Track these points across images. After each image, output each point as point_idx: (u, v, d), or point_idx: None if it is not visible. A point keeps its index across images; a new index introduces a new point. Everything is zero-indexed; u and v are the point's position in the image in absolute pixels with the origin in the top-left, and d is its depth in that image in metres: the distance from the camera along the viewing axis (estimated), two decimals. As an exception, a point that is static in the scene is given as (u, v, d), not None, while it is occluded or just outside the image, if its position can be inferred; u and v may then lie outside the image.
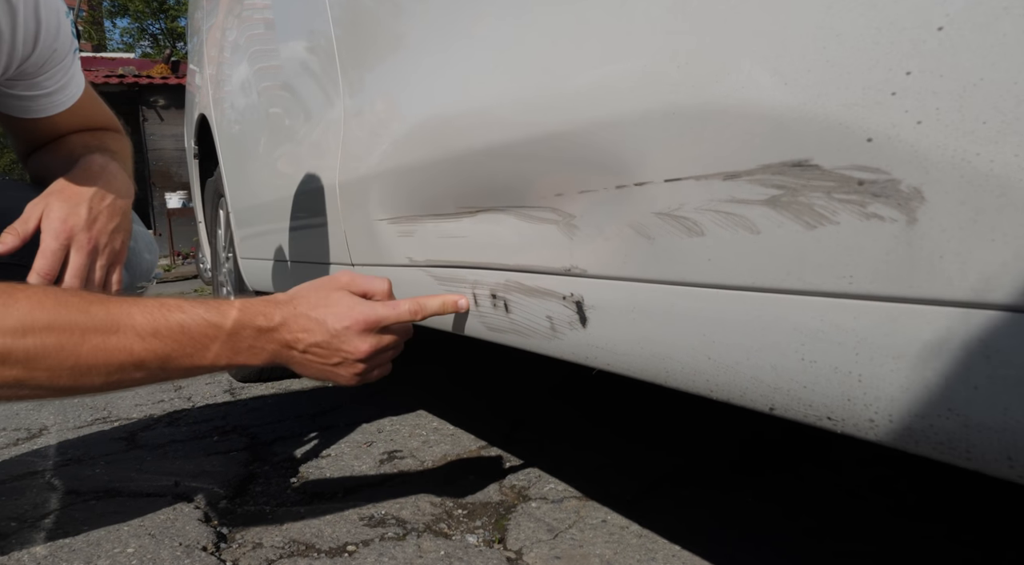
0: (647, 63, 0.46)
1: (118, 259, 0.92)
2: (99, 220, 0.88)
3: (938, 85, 0.30)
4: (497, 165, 0.67)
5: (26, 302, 0.66)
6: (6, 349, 0.64)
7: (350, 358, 0.78)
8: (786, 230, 0.39)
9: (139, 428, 1.79)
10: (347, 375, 0.80)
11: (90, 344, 0.66)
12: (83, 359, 0.66)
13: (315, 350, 0.77)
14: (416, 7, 0.82)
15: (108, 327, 0.68)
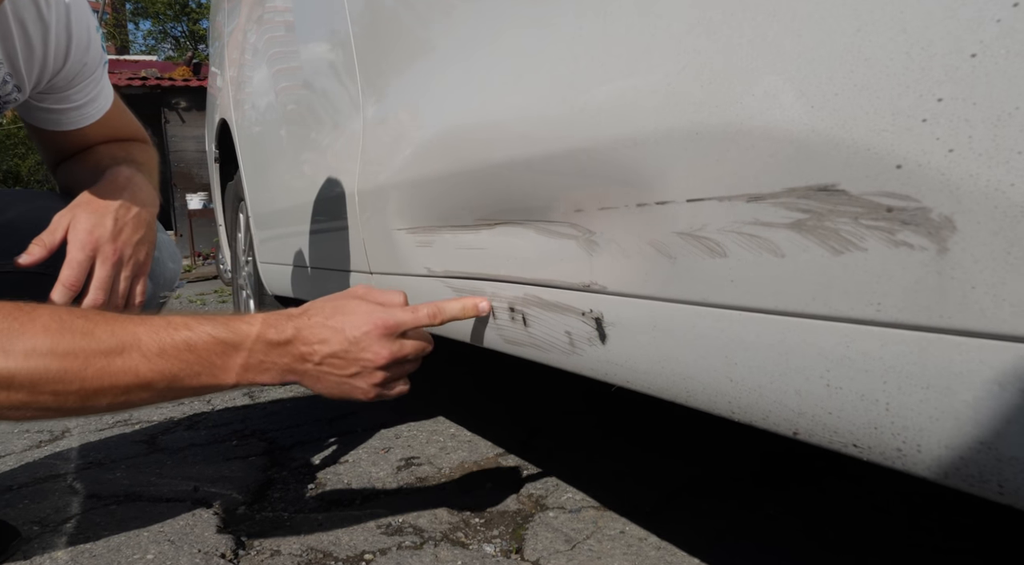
0: (671, 81, 0.46)
1: (142, 270, 0.93)
2: (124, 232, 0.89)
3: (971, 113, 0.30)
4: (517, 179, 0.66)
5: (28, 325, 0.66)
6: (10, 374, 0.64)
7: (369, 367, 0.74)
8: (811, 255, 0.38)
9: (159, 431, 1.81)
10: (365, 387, 0.76)
11: (95, 367, 0.66)
12: (88, 382, 0.66)
13: (332, 361, 0.74)
14: (437, 18, 0.82)
15: (113, 349, 0.67)
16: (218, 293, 6.38)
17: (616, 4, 0.52)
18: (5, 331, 0.64)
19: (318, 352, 0.73)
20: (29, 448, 1.72)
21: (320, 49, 1.33)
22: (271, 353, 0.73)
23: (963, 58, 0.30)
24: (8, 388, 0.64)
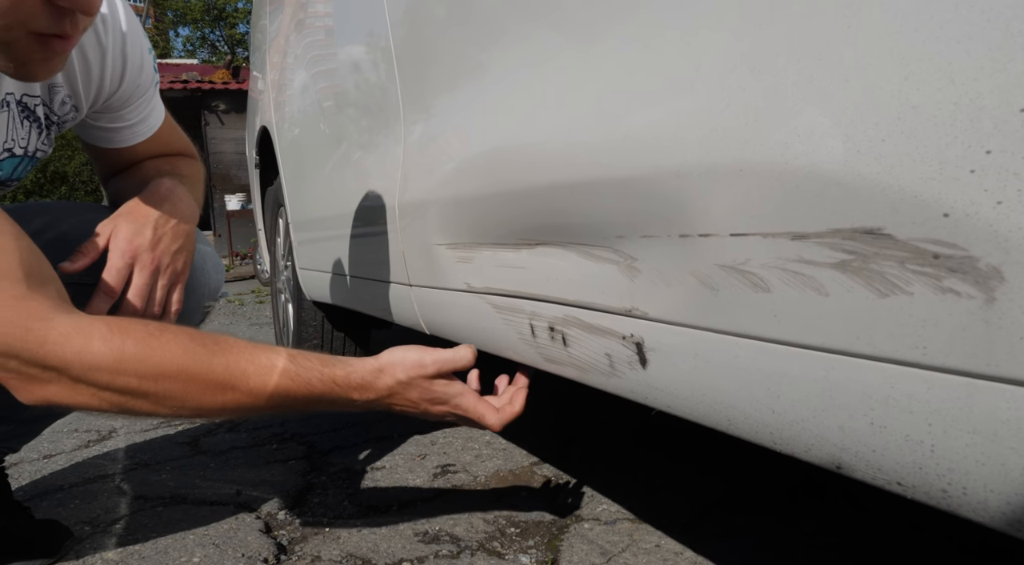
0: (715, 117, 0.47)
1: (179, 279, 0.96)
2: (163, 241, 0.93)
3: (1020, 167, 0.30)
4: (559, 202, 0.67)
5: (159, 349, 0.74)
6: (143, 389, 0.73)
7: (432, 418, 0.91)
8: (856, 295, 0.39)
9: (202, 433, 1.85)
10: (430, 417, 0.91)
11: (210, 395, 0.76)
12: (204, 405, 0.76)
13: (401, 407, 0.88)
14: (484, 41, 0.83)
15: (225, 384, 0.76)
16: (255, 293, 6.48)
17: (661, 38, 0.52)
18: (137, 355, 0.72)
19: (395, 407, 0.88)
20: (78, 448, 1.77)
21: (361, 61, 1.35)
22: (354, 404, 0.85)
23: (1013, 112, 0.30)
24: (138, 399, 0.74)
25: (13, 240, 0.71)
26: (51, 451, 1.76)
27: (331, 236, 1.64)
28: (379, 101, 1.24)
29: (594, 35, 0.61)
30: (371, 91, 1.29)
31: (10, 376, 0.70)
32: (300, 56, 1.84)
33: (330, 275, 1.74)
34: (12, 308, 0.68)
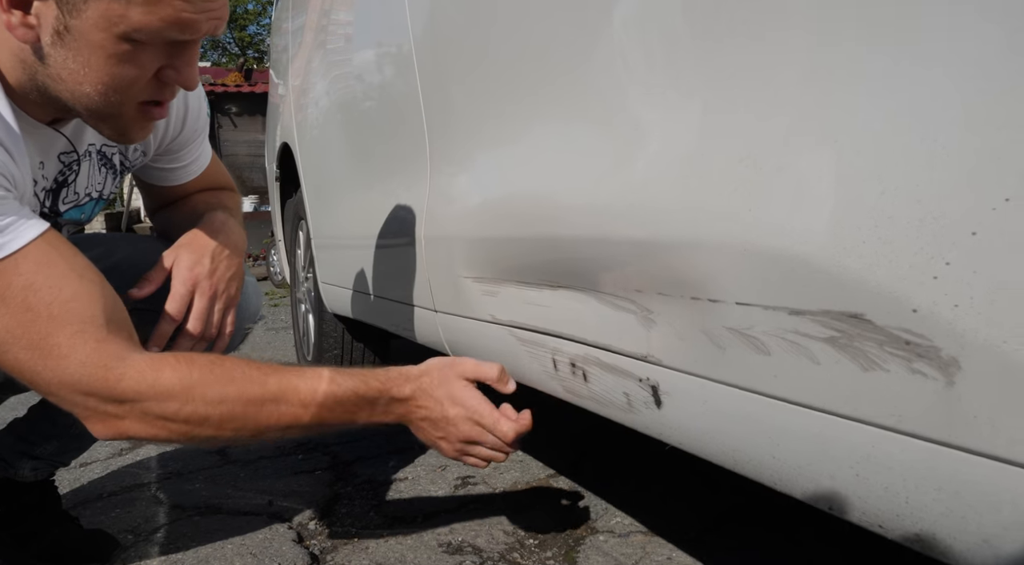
0: (724, 200, 0.53)
1: (232, 303, 1.04)
2: (219, 269, 1.01)
3: (972, 279, 0.37)
4: (580, 253, 0.74)
5: (221, 376, 0.82)
6: (207, 415, 0.81)
7: (452, 437, 0.93)
8: (843, 367, 0.45)
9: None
10: (447, 448, 0.96)
11: (266, 411, 0.84)
12: (261, 423, 0.84)
13: (428, 423, 0.94)
14: (510, 92, 0.90)
15: (280, 397, 0.84)
16: (269, 295, 6.55)
17: (674, 122, 0.59)
18: (202, 381, 0.80)
19: (419, 413, 0.93)
20: (112, 456, 1.85)
21: (386, 88, 1.42)
22: (391, 405, 0.92)
23: (966, 234, 0.37)
24: (202, 425, 0.81)
25: (99, 288, 0.79)
26: (86, 459, 1.83)
27: (354, 255, 1.72)
28: (404, 132, 1.31)
29: (618, 107, 0.67)
30: (396, 121, 1.36)
31: (88, 413, 0.78)
32: (323, 74, 1.91)
33: (352, 292, 1.81)
34: (94, 350, 0.76)
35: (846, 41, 0.44)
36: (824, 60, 0.45)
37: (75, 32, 0.71)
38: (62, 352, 0.75)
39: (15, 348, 0.74)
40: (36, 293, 0.74)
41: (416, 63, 1.16)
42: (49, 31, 0.71)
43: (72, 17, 0.70)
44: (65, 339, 0.75)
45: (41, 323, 0.74)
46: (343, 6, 1.71)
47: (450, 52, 1.07)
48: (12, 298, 0.73)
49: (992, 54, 0.36)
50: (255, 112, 10.39)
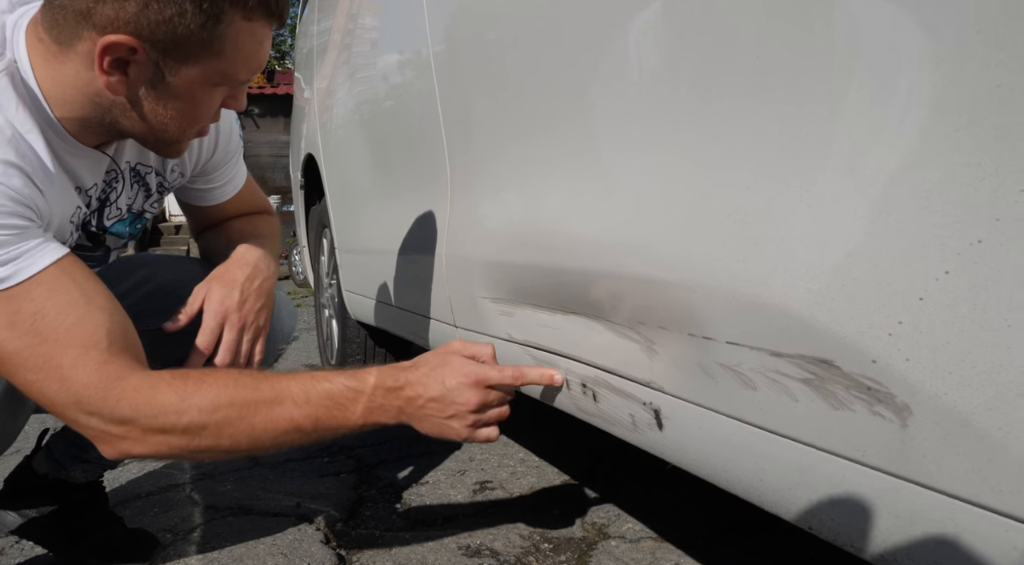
0: (714, 250, 0.59)
1: (261, 333, 1.11)
2: (248, 302, 1.08)
3: (919, 339, 0.43)
4: (588, 285, 0.80)
5: (213, 384, 0.86)
6: (204, 423, 0.84)
7: (462, 411, 0.91)
8: (817, 405, 0.51)
9: (258, 444, 2.01)
10: (459, 427, 0.93)
11: (261, 414, 0.85)
12: (257, 426, 0.86)
13: (432, 405, 0.91)
14: (526, 130, 0.96)
15: (273, 399, 0.86)
16: (291, 294, 6.67)
17: (672, 174, 0.65)
18: (196, 391, 0.84)
19: (422, 395, 0.91)
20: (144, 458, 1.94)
21: (408, 112, 1.48)
22: (388, 397, 0.90)
23: (914, 299, 0.43)
24: (200, 434, 0.83)
25: (106, 313, 0.84)
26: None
27: (377, 266, 1.79)
28: (425, 155, 1.38)
29: (623, 156, 0.74)
30: (417, 144, 1.42)
31: (95, 434, 0.83)
32: (346, 92, 1.98)
33: (375, 302, 1.88)
34: (95, 372, 0.80)
35: (819, 121, 0.49)
36: (800, 135, 0.51)
37: (171, 85, 0.82)
38: (65, 374, 0.80)
39: (23, 370, 0.80)
40: (43, 318, 0.79)
41: (438, 93, 1.23)
42: (142, 85, 0.81)
43: (170, 75, 0.81)
44: (68, 361, 0.80)
45: (47, 346, 0.79)
46: (366, 26, 1.79)
47: (470, 84, 1.13)
48: (21, 323, 0.78)
49: (938, 141, 0.42)
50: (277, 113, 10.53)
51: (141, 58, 0.78)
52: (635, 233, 0.71)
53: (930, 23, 0.41)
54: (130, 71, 0.80)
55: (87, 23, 0.77)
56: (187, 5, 0.76)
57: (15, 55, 0.82)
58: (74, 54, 0.79)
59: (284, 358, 3.38)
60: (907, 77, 0.43)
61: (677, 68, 0.64)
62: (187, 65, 0.80)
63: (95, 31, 0.77)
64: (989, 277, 0.39)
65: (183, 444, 0.84)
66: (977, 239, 0.39)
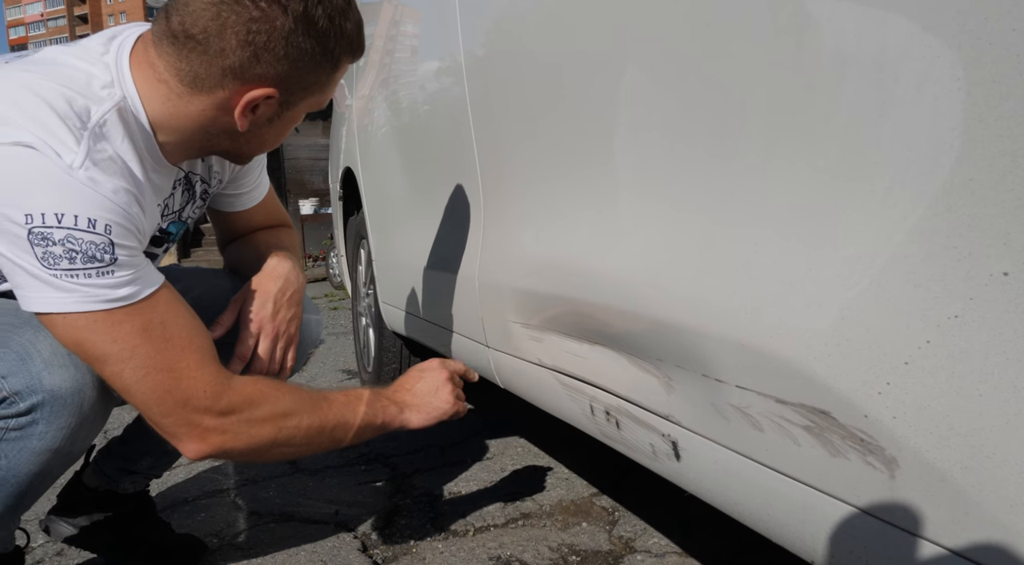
0: (725, 299, 0.64)
1: (292, 340, 1.21)
2: (280, 312, 1.17)
3: (905, 399, 0.47)
4: (611, 321, 0.85)
5: (288, 391, 1.03)
6: (289, 410, 1.01)
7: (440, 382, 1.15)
8: (817, 451, 0.55)
9: (298, 451, 2.09)
10: (446, 397, 1.15)
11: (323, 409, 1.05)
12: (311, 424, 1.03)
13: (418, 389, 1.15)
14: (553, 170, 1.01)
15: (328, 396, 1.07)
16: (328, 297, 6.80)
17: (688, 226, 0.70)
18: (277, 392, 1.02)
19: (408, 386, 1.15)
20: (190, 462, 2.04)
21: (443, 139, 1.54)
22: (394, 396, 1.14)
23: (900, 363, 0.47)
24: (287, 419, 1.00)
25: (203, 325, 0.98)
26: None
27: (413, 282, 1.85)
28: (461, 179, 1.43)
29: (642, 204, 0.78)
30: (453, 168, 1.48)
31: (189, 430, 0.94)
32: (385, 109, 2.04)
33: (411, 315, 1.95)
34: (213, 374, 0.94)
35: (819, 194, 0.54)
36: (803, 203, 0.55)
37: (283, 117, 0.96)
38: (192, 373, 0.92)
39: (154, 371, 0.91)
40: (169, 327, 0.92)
41: (472, 126, 1.29)
42: (264, 119, 0.94)
43: (286, 110, 0.95)
44: (194, 363, 0.93)
45: (176, 352, 0.91)
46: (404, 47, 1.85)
47: (503, 120, 1.19)
48: (153, 330, 0.90)
49: (920, 223, 0.46)
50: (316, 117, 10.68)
51: (274, 101, 0.91)
52: (654, 276, 0.76)
53: (914, 127, 0.46)
54: (259, 111, 0.92)
55: (234, 77, 0.87)
56: (322, 61, 0.90)
57: (124, 92, 0.91)
58: (208, 98, 0.90)
59: (323, 362, 3.48)
60: (895, 169, 0.47)
61: (694, 128, 0.69)
62: (304, 102, 0.95)
63: (239, 82, 0.88)
64: (964, 349, 0.43)
65: (272, 432, 0.98)
66: (954, 314, 0.43)
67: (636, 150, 0.79)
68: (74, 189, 0.82)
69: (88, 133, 0.85)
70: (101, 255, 0.84)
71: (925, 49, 0.45)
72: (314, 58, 0.89)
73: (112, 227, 0.85)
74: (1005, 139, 0.40)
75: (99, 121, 0.87)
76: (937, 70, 0.44)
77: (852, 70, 0.51)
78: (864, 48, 0.49)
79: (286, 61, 0.87)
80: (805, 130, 0.55)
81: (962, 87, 0.43)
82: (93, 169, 0.84)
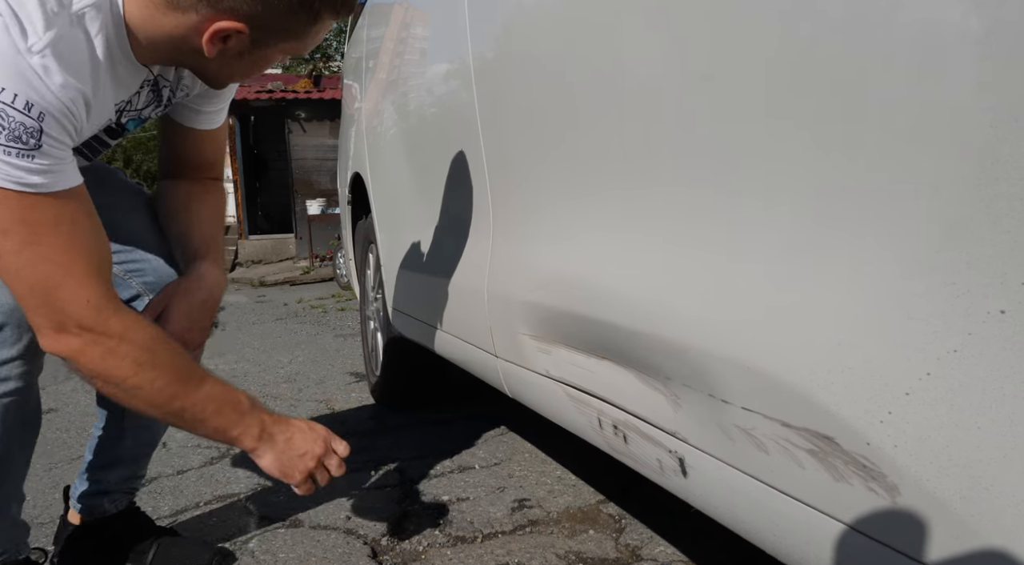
0: (735, 325, 0.65)
1: (199, 348, 1.27)
2: (195, 329, 1.22)
3: (906, 429, 0.48)
4: (619, 338, 0.87)
5: (166, 353, 1.03)
6: (140, 358, 1.00)
7: (313, 451, 1.15)
8: (820, 475, 0.57)
9: (307, 455, 2.11)
10: (303, 467, 1.14)
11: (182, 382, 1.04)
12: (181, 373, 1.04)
13: (297, 438, 1.14)
14: (561, 191, 1.03)
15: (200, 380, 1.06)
16: (335, 297, 6.82)
17: (699, 251, 0.72)
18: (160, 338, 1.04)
19: (287, 430, 1.14)
20: (204, 464, 2.06)
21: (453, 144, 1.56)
22: (267, 426, 1.11)
23: (902, 394, 0.48)
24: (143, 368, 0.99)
25: (106, 238, 0.99)
26: (182, 467, 2.05)
27: (421, 289, 1.87)
28: (470, 190, 1.45)
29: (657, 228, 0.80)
30: (463, 178, 1.50)
31: (58, 330, 0.95)
32: (393, 116, 2.06)
33: (420, 322, 1.97)
34: (99, 288, 0.95)
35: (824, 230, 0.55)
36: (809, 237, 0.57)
37: (255, 55, 0.98)
38: (82, 280, 0.93)
39: (49, 263, 0.92)
40: (78, 229, 0.93)
41: (482, 139, 1.30)
42: (233, 52, 0.96)
43: (258, 48, 0.96)
44: (89, 273, 0.94)
45: (76, 253, 0.93)
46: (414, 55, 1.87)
47: (512, 135, 1.21)
48: (63, 225, 0.91)
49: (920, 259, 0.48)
50: (323, 117, 10.71)
51: (244, 37, 0.93)
52: (662, 297, 0.78)
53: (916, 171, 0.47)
54: (229, 43, 0.94)
55: (207, 5, 0.90)
56: (299, 11, 0.92)
57: None
58: (181, 16, 0.92)
59: (331, 364, 3.49)
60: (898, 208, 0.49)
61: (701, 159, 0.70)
62: (276, 46, 0.97)
63: (212, 10, 0.90)
64: (963, 383, 0.44)
65: (123, 375, 0.98)
66: (953, 349, 0.45)
67: (644, 177, 0.80)
68: (22, 71, 0.83)
69: (64, 19, 0.86)
70: (27, 139, 0.85)
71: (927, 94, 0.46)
72: (290, 6, 0.91)
73: (47, 117, 0.86)
74: (1002, 182, 0.42)
75: (79, 10, 0.88)
76: (935, 115, 0.45)
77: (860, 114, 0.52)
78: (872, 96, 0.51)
79: (259, 2, 0.89)
80: (811, 164, 0.57)
81: (962, 133, 0.44)
82: (50, 58, 0.85)
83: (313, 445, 1.14)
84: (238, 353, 3.92)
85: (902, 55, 0.48)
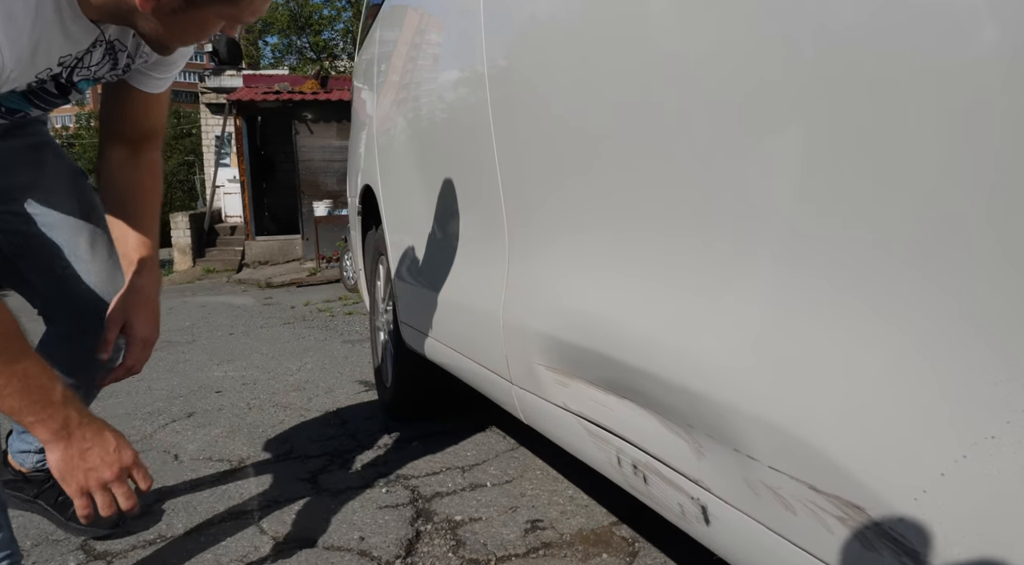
0: (761, 382, 0.65)
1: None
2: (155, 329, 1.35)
3: (941, 509, 0.48)
4: (640, 381, 0.87)
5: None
6: None
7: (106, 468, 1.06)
8: (850, 542, 0.57)
9: (318, 469, 2.12)
10: (82, 482, 1.05)
11: None
12: None
13: (95, 449, 1.05)
14: (577, 226, 1.03)
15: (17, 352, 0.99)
16: (342, 300, 6.83)
17: (720, 300, 0.71)
18: None
19: (89, 436, 1.05)
20: (216, 480, 2.07)
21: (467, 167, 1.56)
22: (69, 423, 1.04)
23: (938, 474, 0.48)
24: None
25: None
26: (196, 481, 2.05)
27: (433, 307, 1.87)
28: (486, 209, 1.45)
29: (676, 272, 0.80)
30: (477, 202, 1.50)
31: None
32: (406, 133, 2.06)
33: (431, 339, 1.97)
34: None
35: (858, 301, 0.55)
36: (840, 308, 0.57)
37: (189, 13, 1.00)
38: None
39: None
40: None
41: (498, 165, 1.30)
42: (168, 9, 0.99)
43: (192, 8, 0.99)
44: None
45: None
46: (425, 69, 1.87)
47: (528, 154, 1.21)
48: None
49: (954, 339, 0.48)
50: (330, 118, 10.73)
51: None
52: (684, 345, 0.78)
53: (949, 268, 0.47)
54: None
55: None
56: None
57: None
58: None
59: (339, 372, 3.50)
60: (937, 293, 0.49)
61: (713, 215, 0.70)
62: (211, 8, 1.01)
63: None
64: (1001, 470, 0.44)
65: None
66: (991, 435, 0.45)
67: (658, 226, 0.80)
68: None
69: None
70: None
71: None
72: None
73: None
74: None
75: None
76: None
77: (897, 184, 0.52)
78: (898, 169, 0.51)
79: None
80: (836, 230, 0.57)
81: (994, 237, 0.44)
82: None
83: (104, 468, 1.05)
84: (247, 359, 3.93)
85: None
